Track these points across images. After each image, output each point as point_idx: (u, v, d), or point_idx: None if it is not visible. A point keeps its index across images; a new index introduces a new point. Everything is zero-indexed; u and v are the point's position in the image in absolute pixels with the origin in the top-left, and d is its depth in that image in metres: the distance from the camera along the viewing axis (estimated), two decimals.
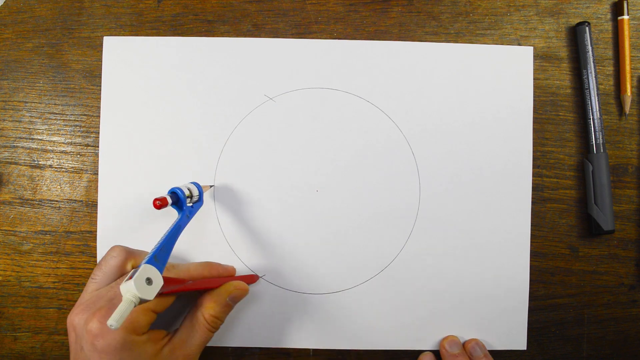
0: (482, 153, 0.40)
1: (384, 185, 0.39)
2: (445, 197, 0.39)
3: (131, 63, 0.40)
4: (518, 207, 0.39)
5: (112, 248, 0.35)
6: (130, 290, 0.27)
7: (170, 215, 0.39)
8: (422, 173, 0.40)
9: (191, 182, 0.37)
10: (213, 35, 0.40)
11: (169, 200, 0.34)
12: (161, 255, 0.30)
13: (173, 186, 0.35)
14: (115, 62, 0.40)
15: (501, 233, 0.39)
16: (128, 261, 0.35)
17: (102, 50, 0.40)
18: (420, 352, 0.39)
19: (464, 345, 0.39)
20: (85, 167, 0.40)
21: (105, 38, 0.40)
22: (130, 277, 0.27)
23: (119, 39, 0.40)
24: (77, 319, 0.31)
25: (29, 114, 0.40)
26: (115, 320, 0.25)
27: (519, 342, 0.39)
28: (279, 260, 0.39)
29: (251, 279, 0.38)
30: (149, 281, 0.28)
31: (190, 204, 0.36)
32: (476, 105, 0.40)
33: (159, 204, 0.32)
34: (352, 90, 0.40)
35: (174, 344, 0.33)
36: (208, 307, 0.34)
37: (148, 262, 0.29)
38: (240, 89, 0.40)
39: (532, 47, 0.40)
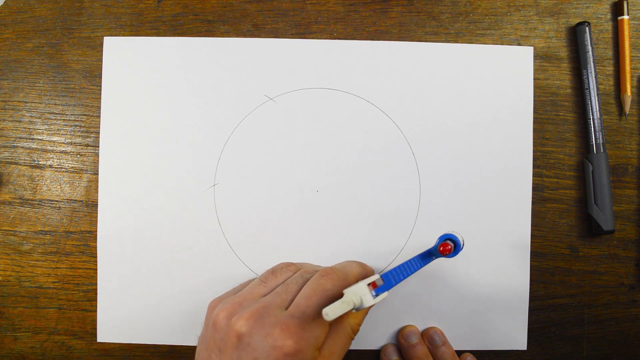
0: (482, 153, 0.40)
1: (384, 185, 0.39)
2: (445, 197, 0.39)
3: (131, 63, 0.40)
4: (518, 207, 0.39)
5: (284, 263, 0.35)
6: (358, 292, 0.28)
7: (175, 217, 0.39)
8: (422, 173, 0.40)
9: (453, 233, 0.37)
10: (213, 35, 0.40)
11: (453, 246, 0.34)
12: (394, 276, 0.32)
13: (445, 233, 0.37)
14: (116, 62, 0.40)
15: (501, 233, 0.39)
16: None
17: (102, 50, 0.40)
18: None
19: (422, 334, 0.39)
20: (85, 167, 0.40)
21: (105, 38, 0.40)
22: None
23: (119, 39, 0.40)
24: (241, 324, 0.29)
25: (29, 114, 0.40)
26: (331, 311, 0.26)
27: (519, 342, 0.39)
28: (279, 260, 0.39)
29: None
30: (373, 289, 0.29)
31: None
32: (476, 105, 0.40)
33: (448, 249, 0.34)
34: (352, 90, 0.40)
35: (324, 356, 0.31)
36: (354, 316, 0.33)
37: (384, 275, 0.31)
38: (240, 89, 0.40)
39: (532, 47, 0.40)
